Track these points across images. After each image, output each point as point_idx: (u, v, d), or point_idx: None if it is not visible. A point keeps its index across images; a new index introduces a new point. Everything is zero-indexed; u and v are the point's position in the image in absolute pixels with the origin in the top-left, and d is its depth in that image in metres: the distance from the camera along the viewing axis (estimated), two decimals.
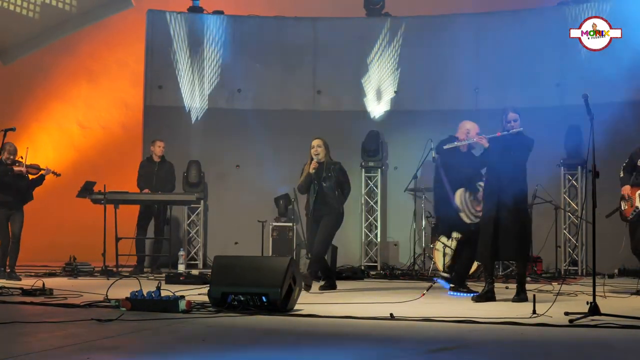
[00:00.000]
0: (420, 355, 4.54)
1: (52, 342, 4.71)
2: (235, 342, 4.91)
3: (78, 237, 11.44)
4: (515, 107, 7.96)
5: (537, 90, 11.89)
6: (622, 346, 4.88)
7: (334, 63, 12.64)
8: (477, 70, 12.25)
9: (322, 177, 8.45)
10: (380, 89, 12.64)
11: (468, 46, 12.33)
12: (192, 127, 12.33)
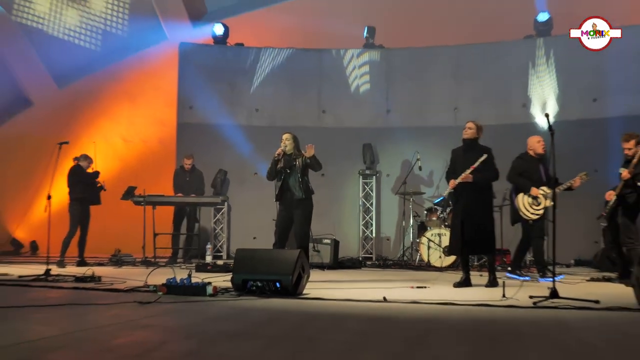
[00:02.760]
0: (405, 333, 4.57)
1: (101, 321, 4.76)
2: (252, 319, 4.96)
3: (122, 232, 11.48)
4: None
5: (507, 110, 11.94)
6: (578, 324, 4.91)
7: (336, 87, 12.68)
8: (456, 93, 12.30)
9: (287, 166, 8.22)
10: (375, 109, 12.67)
11: (448, 72, 12.40)
12: (218, 141, 12.35)
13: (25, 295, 6.33)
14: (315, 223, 11.81)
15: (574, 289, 6.97)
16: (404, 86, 12.55)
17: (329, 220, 12.21)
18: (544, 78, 11.89)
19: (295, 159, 8.25)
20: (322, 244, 10.77)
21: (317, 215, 11.99)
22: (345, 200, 12.66)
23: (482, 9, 12.57)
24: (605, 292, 6.80)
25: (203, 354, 3.68)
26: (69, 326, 4.54)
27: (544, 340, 4.34)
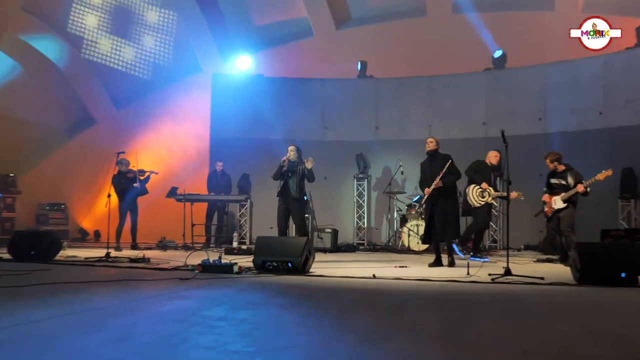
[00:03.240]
0: (391, 302, 4.59)
1: (150, 293, 4.79)
2: (270, 291, 4.99)
3: (166, 223, 11.48)
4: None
5: (470, 127, 11.94)
6: (526, 295, 4.94)
7: (336, 109, 12.68)
8: (430, 113, 12.32)
9: (290, 171, 8.23)
10: (366, 126, 12.68)
11: (424, 97, 12.41)
12: (242, 151, 12.35)
13: (91, 273, 6.36)
14: (318, 216, 11.90)
15: (523, 268, 6.97)
16: (389, 108, 12.56)
17: (330, 213, 12.25)
18: (499, 101, 11.90)
19: (297, 166, 8.29)
20: (324, 233, 10.81)
21: (321, 210, 12.09)
22: (343, 198, 12.67)
23: (450, 46, 12.56)
24: (548, 271, 6.82)
25: (231, 318, 3.70)
26: (125, 297, 4.56)
27: (498, 307, 4.36)
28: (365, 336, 3.23)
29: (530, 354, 2.83)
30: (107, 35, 14.09)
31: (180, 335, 3.12)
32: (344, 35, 13.56)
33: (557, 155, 8.11)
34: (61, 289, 4.93)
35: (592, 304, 4.59)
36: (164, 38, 14.35)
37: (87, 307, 4.01)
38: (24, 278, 5.53)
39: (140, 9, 14.05)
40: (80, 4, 13.52)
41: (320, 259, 8.09)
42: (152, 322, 3.49)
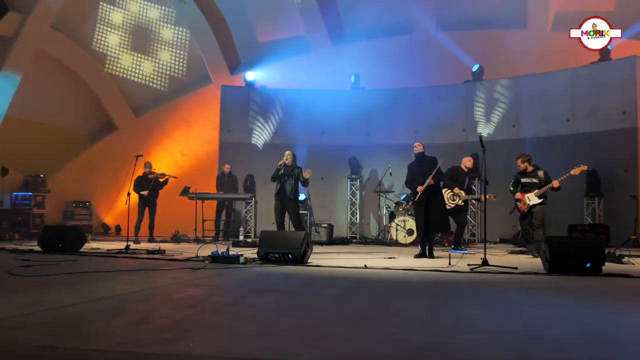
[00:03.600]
0: (381, 289, 4.60)
1: (165, 281, 4.79)
2: (272, 280, 4.99)
3: (180, 219, 11.47)
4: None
5: (452, 133, 11.96)
6: (501, 283, 4.94)
7: (332, 116, 12.62)
8: (416, 120, 12.30)
9: (286, 174, 8.19)
10: (359, 132, 12.68)
11: (410, 106, 12.37)
12: (247, 154, 12.36)
13: (112, 263, 6.36)
14: (316, 212, 11.89)
15: (499, 259, 6.99)
16: (379, 116, 12.53)
17: (326, 210, 12.25)
18: (478, 110, 11.92)
19: (293, 169, 8.30)
20: (321, 227, 10.81)
21: (318, 207, 12.08)
22: (338, 196, 12.67)
23: (434, 61, 12.55)
24: (521, 262, 6.84)
25: (238, 304, 3.70)
26: (143, 285, 4.57)
27: (476, 293, 4.37)
28: (358, 319, 3.24)
29: (504, 335, 2.84)
30: (128, 52, 14.09)
31: (193, 319, 3.13)
32: (339, 51, 13.56)
33: (527, 157, 8.14)
34: (86, 277, 4.93)
35: (560, 291, 4.60)
36: (178, 53, 14.36)
37: (109, 293, 4.01)
38: (52, 268, 5.53)
39: (157, 26, 14.05)
40: (103, 24, 13.51)
41: (317, 251, 8.09)
42: (167, 307, 3.50)
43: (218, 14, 13.87)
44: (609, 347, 2.60)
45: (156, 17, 13.88)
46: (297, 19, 13.34)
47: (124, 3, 13.49)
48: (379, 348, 2.55)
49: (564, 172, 7.88)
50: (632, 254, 7.22)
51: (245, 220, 12.05)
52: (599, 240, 5.86)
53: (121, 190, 9.99)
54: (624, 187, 9.90)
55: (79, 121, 14.01)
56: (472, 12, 12.45)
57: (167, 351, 2.43)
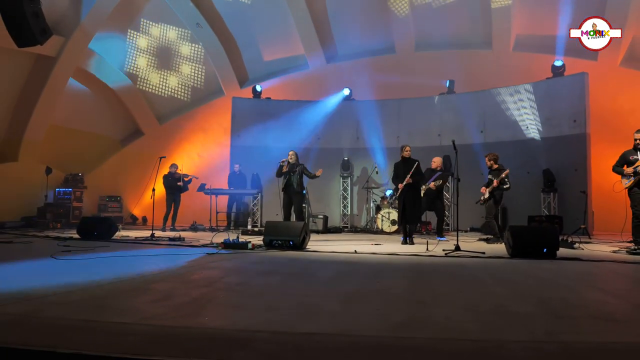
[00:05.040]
0: (368, 270, 4.59)
1: (184, 264, 4.76)
2: (276, 263, 4.97)
3: (197, 211, 11.45)
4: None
5: (429, 138, 11.94)
6: (472, 266, 4.94)
7: (326, 123, 12.64)
8: (398, 127, 12.29)
9: (292, 171, 8.23)
10: (349, 137, 12.66)
11: (394, 115, 12.37)
12: (255, 155, 12.32)
13: (139, 248, 6.33)
14: (313, 205, 11.87)
15: (469, 245, 7.00)
16: (367, 123, 12.52)
17: (322, 204, 12.22)
18: (450, 118, 11.89)
19: (297, 166, 8.28)
20: (317, 218, 10.79)
21: (315, 201, 12.06)
22: (332, 191, 12.65)
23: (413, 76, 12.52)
24: (488, 247, 6.85)
25: (247, 283, 3.68)
26: (165, 267, 4.54)
27: (450, 275, 4.36)
28: (349, 297, 3.22)
29: (473, 309, 2.83)
30: (154, 70, 14.01)
31: (208, 296, 3.10)
32: (333, 67, 13.54)
33: (494, 156, 8.09)
34: (117, 261, 4.90)
35: (522, 272, 4.60)
36: (195, 66, 14.26)
37: (136, 275, 3.99)
38: (88, 252, 5.50)
39: (176, 45, 13.97)
40: (132, 48, 13.42)
41: (315, 239, 8.12)
42: (186, 287, 3.47)
43: (229, 36, 13.82)
44: (563, 321, 2.59)
45: (174, 37, 13.79)
46: (297, 40, 13.30)
47: (147, 28, 13.40)
48: (367, 321, 2.54)
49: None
50: (582, 241, 7.24)
51: (253, 212, 12.02)
52: (554, 229, 5.87)
53: (147, 186, 9.92)
54: (575, 184, 9.92)
55: (111, 128, 13.95)
56: (445, 35, 12.43)
57: (185, 324, 2.42)
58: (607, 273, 4.55)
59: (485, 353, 2.08)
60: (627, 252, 6.15)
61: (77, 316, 2.54)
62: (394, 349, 2.09)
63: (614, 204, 7.13)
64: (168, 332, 2.30)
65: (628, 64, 11.02)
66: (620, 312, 2.85)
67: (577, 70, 10.44)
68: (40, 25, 6.23)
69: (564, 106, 10.47)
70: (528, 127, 11.02)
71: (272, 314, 2.68)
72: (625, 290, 3.71)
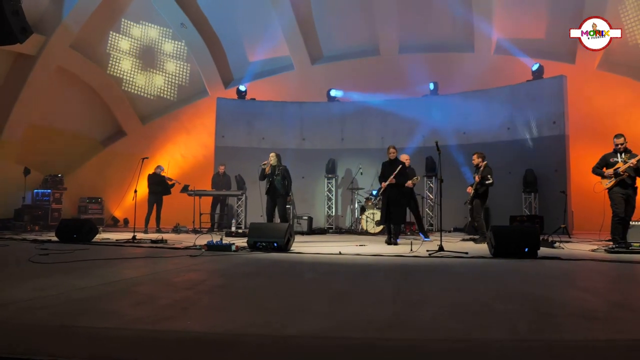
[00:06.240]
0: (353, 271, 4.57)
1: (167, 267, 4.69)
2: (260, 265, 4.92)
3: (180, 212, 11.30)
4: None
5: (413, 138, 12.00)
6: (456, 265, 4.96)
7: (312, 124, 12.63)
8: (383, 128, 12.34)
9: (273, 173, 8.17)
10: (335, 138, 12.66)
11: (378, 116, 12.40)
12: (239, 157, 12.24)
13: (120, 251, 6.22)
14: (298, 206, 11.84)
15: (452, 245, 7.04)
16: (352, 124, 12.55)
17: (306, 204, 12.20)
18: (434, 119, 11.96)
19: (278, 168, 8.21)
20: (302, 219, 10.76)
21: (300, 202, 12.02)
22: (317, 192, 12.63)
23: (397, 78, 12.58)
24: (471, 247, 6.90)
25: (230, 285, 3.64)
26: (147, 270, 4.46)
27: (434, 274, 4.38)
28: (334, 298, 3.20)
29: (458, 309, 2.84)
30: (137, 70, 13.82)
31: (191, 299, 3.05)
32: (318, 69, 13.53)
33: (481, 154, 8.08)
34: (97, 264, 4.80)
35: (504, 271, 4.64)
36: (180, 65, 14.09)
37: (117, 278, 3.90)
38: (68, 256, 5.38)
39: (159, 44, 13.78)
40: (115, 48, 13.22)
41: (299, 240, 8.07)
42: (168, 290, 3.41)
43: (214, 37, 13.71)
44: (544, 318, 2.61)
45: (158, 37, 13.60)
46: (282, 41, 13.26)
47: (129, 28, 13.20)
48: (352, 322, 2.52)
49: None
50: (562, 240, 7.35)
51: (237, 213, 11.94)
52: (535, 229, 5.94)
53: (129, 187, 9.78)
54: (555, 185, 10.08)
55: (92, 128, 13.73)
56: (429, 38, 12.53)
57: (167, 328, 2.36)
58: (587, 271, 4.62)
59: (470, 352, 2.09)
60: (606, 250, 6.26)
61: (55, 322, 2.47)
62: (380, 350, 2.07)
63: (593, 203, 7.26)
64: (150, 336, 2.25)
65: (604, 68, 11.25)
66: (600, 309, 2.88)
67: (556, 73, 10.63)
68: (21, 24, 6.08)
69: (543, 108, 10.65)
70: (509, 128, 11.17)
71: (256, 316, 2.64)
72: (604, 289, 3.77)
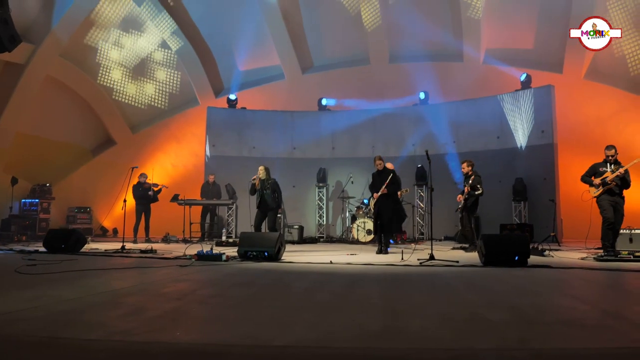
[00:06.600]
0: (344, 281, 4.57)
1: (156, 278, 4.65)
2: (250, 274, 4.90)
3: (170, 222, 11.21)
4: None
5: (403, 147, 12.05)
6: (446, 274, 4.97)
7: (302, 133, 12.62)
8: (373, 137, 12.36)
9: (263, 187, 8.16)
10: (325, 147, 12.65)
11: (369, 125, 12.40)
12: (230, 166, 12.20)
13: (109, 261, 6.16)
14: (289, 215, 11.81)
15: (443, 254, 7.06)
16: (343, 133, 12.55)
17: (297, 213, 12.17)
18: (424, 128, 12.00)
19: (268, 181, 8.19)
20: (293, 229, 10.71)
21: (290, 210, 12.00)
22: (308, 201, 12.60)
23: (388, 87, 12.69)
24: (462, 256, 6.93)
25: (220, 296, 3.61)
26: (136, 281, 4.42)
27: (425, 283, 4.38)
28: (325, 308, 3.19)
29: (448, 318, 2.84)
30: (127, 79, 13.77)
31: (181, 310, 3.03)
32: (308, 78, 13.58)
33: (470, 163, 8.15)
34: (85, 274, 4.74)
35: (494, 280, 4.66)
36: (170, 73, 14.05)
37: (105, 289, 3.86)
38: (55, 266, 5.31)
39: (150, 53, 13.75)
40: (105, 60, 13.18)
41: (290, 249, 8.04)
42: (157, 300, 3.38)
43: (205, 46, 13.73)
44: (535, 328, 2.62)
45: (148, 46, 13.57)
46: (273, 50, 13.30)
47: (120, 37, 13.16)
48: (343, 332, 2.51)
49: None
50: (552, 248, 7.40)
51: (228, 222, 11.88)
52: (524, 237, 5.97)
53: (118, 197, 9.69)
54: (544, 193, 10.17)
55: (82, 137, 13.63)
56: (418, 48, 12.65)
57: (156, 339, 2.34)
58: (577, 280, 4.66)
59: None
60: (595, 258, 6.31)
61: (42, 333, 2.44)
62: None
63: (581, 211, 7.33)
64: (138, 348, 2.23)
65: (591, 77, 11.44)
66: (589, 318, 2.90)
67: (544, 83, 10.78)
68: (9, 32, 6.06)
69: (532, 117, 10.78)
70: (499, 137, 11.28)
71: (246, 326, 2.62)
72: (593, 297, 3.80)
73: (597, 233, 6.72)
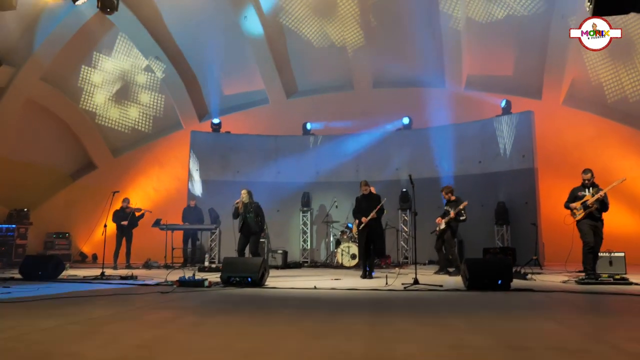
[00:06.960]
0: (328, 307, 4.53)
1: (137, 304, 4.56)
2: (233, 301, 4.82)
3: (151, 247, 11.03)
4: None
5: (387, 171, 12.12)
6: (430, 299, 4.97)
7: (286, 157, 12.65)
8: (357, 162, 12.39)
9: (246, 211, 8.13)
10: (309, 171, 12.65)
11: (352, 150, 12.47)
12: (212, 190, 12.13)
13: (88, 288, 6.01)
14: (272, 240, 11.73)
15: (427, 278, 7.06)
16: (327, 157, 12.58)
17: (281, 238, 12.10)
18: (408, 153, 12.13)
19: (251, 205, 8.17)
20: (277, 253, 10.62)
21: (275, 235, 11.92)
22: (292, 226, 12.53)
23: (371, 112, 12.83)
24: (445, 280, 6.94)
25: (202, 323, 3.55)
26: (116, 308, 4.32)
27: (409, 308, 4.37)
28: (309, 334, 3.16)
29: (432, 344, 2.83)
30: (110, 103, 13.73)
31: (161, 338, 2.97)
32: (292, 103, 13.69)
33: (449, 189, 8.34)
34: (62, 302, 4.62)
35: (478, 304, 4.68)
36: (154, 97, 14.04)
37: (83, 317, 3.76)
38: (31, 294, 5.16)
39: (133, 77, 13.76)
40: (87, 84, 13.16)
41: (274, 274, 7.96)
42: (138, 328, 3.31)
43: (189, 70, 13.79)
44: (519, 353, 2.63)
45: (131, 69, 13.58)
46: (257, 75, 13.42)
47: (102, 61, 13.17)
48: (326, 358, 2.48)
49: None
50: (534, 272, 7.48)
51: (211, 248, 11.73)
52: (507, 261, 6.03)
53: (98, 222, 9.53)
54: (526, 216, 10.31)
55: (62, 161, 13.45)
56: (402, 74, 12.89)
57: None
58: (559, 303, 4.70)
59: None
60: (576, 282, 6.39)
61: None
62: None
63: (562, 235, 7.44)
64: None
65: (569, 103, 11.78)
66: (572, 341, 2.93)
67: (524, 109, 11.06)
68: None
69: (513, 142, 11.01)
70: (480, 162, 11.46)
71: (228, 356, 2.58)
72: (575, 320, 3.83)
73: (578, 256, 6.83)
